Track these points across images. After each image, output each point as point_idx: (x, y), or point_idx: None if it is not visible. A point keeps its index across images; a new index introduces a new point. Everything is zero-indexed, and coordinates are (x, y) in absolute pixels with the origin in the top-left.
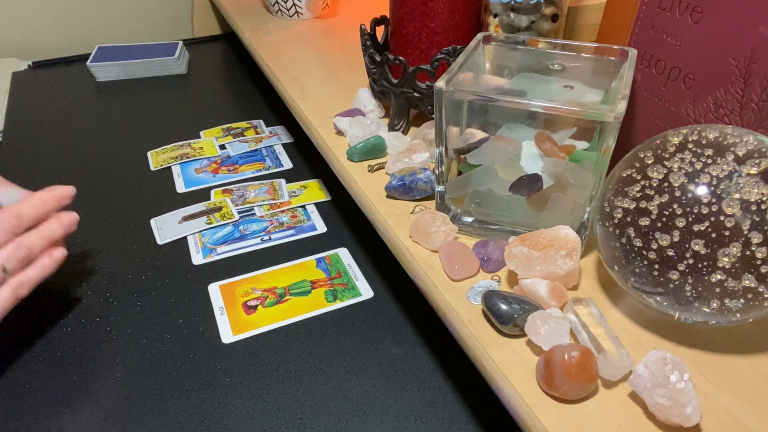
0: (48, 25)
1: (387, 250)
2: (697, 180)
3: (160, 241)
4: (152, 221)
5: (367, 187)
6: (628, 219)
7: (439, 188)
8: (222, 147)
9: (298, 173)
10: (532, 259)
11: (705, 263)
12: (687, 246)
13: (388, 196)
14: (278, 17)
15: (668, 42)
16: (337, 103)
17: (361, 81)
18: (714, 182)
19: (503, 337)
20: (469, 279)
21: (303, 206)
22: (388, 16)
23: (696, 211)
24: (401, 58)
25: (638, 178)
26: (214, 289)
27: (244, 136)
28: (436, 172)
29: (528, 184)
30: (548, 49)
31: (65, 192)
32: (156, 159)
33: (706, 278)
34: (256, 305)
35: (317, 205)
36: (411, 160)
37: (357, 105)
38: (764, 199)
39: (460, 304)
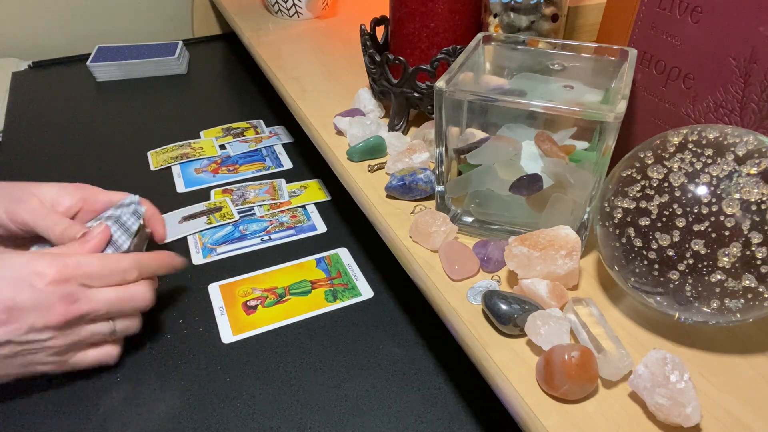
0: (48, 25)
1: (387, 250)
2: (697, 180)
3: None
4: None
5: (367, 187)
6: (628, 219)
7: (439, 188)
8: (222, 147)
9: (298, 173)
10: (532, 259)
11: (705, 263)
12: (687, 246)
13: (388, 196)
14: (278, 17)
15: (668, 42)
16: (337, 103)
17: (361, 81)
18: (714, 182)
19: (503, 337)
20: (469, 279)
21: (303, 206)
22: (388, 16)
23: (696, 211)
24: (401, 58)
25: (638, 178)
26: (214, 289)
27: (244, 136)
28: (436, 172)
29: (528, 184)
30: (548, 49)
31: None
32: (156, 159)
33: (706, 278)
34: (256, 305)
35: (317, 205)
36: (411, 160)
37: (357, 105)
38: (764, 199)
39: (460, 304)
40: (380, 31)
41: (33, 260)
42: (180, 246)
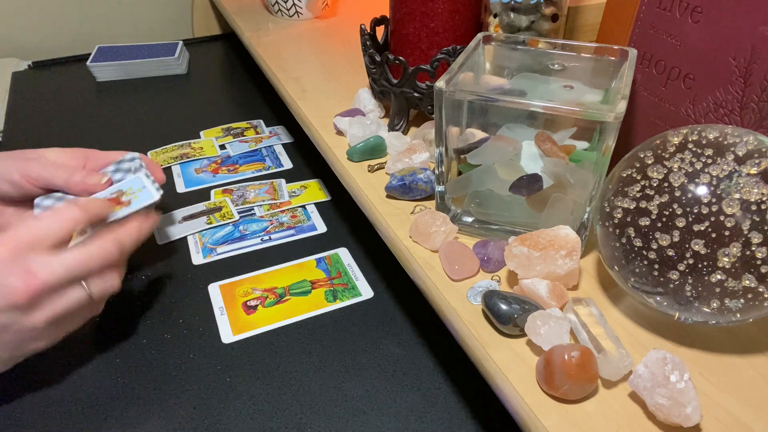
0: (48, 25)
1: (387, 250)
2: (697, 180)
3: (160, 241)
4: None
5: (367, 187)
6: (628, 219)
7: (439, 188)
8: (222, 147)
9: (298, 173)
10: (532, 259)
11: (705, 263)
12: (687, 246)
13: (388, 196)
14: (278, 17)
15: (668, 42)
16: (337, 103)
17: (361, 81)
18: (714, 182)
19: (503, 337)
20: (469, 279)
21: (303, 206)
22: (388, 16)
23: (696, 211)
24: (401, 58)
25: (638, 178)
26: (214, 289)
27: (244, 136)
28: (436, 172)
29: (528, 184)
30: (548, 49)
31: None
32: (156, 159)
33: (706, 278)
34: (256, 305)
35: (317, 205)
36: (411, 160)
37: (357, 105)
38: (764, 199)
39: (460, 304)
40: (380, 31)
41: None
42: (180, 246)
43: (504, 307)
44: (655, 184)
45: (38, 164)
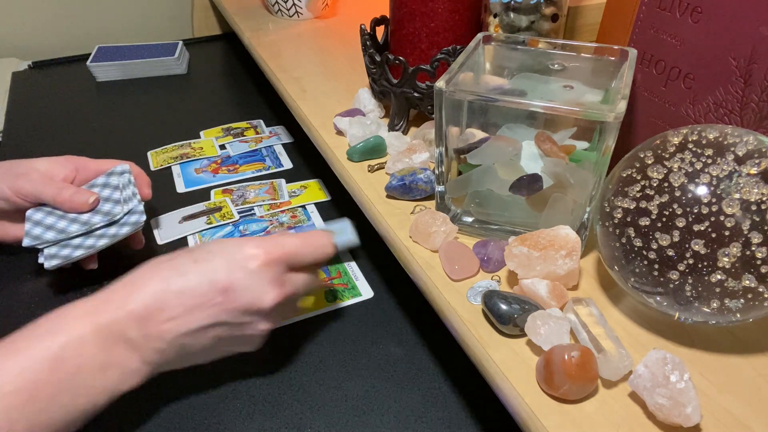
0: (48, 25)
1: (387, 250)
2: (697, 180)
3: (160, 241)
4: (152, 221)
5: (367, 187)
6: (628, 219)
7: (439, 188)
8: (222, 147)
9: (298, 173)
10: (532, 259)
11: (705, 263)
12: (687, 246)
13: (388, 196)
14: (278, 17)
15: (668, 42)
16: (337, 103)
17: (361, 81)
18: (714, 182)
19: (503, 337)
20: (469, 279)
21: (303, 206)
22: (388, 16)
23: (696, 211)
24: (401, 58)
25: (638, 178)
26: None
27: (244, 136)
28: (436, 172)
29: (528, 184)
30: (548, 49)
31: None
32: (156, 159)
33: (706, 278)
34: None
35: (317, 205)
36: (411, 160)
37: (357, 105)
38: (764, 199)
39: (460, 304)
40: (380, 31)
41: (244, 244)
42: (180, 246)
43: (504, 307)
44: (655, 184)
45: (28, 180)
